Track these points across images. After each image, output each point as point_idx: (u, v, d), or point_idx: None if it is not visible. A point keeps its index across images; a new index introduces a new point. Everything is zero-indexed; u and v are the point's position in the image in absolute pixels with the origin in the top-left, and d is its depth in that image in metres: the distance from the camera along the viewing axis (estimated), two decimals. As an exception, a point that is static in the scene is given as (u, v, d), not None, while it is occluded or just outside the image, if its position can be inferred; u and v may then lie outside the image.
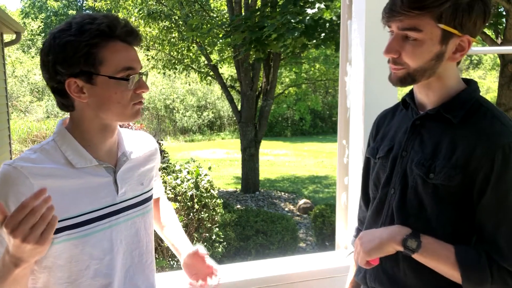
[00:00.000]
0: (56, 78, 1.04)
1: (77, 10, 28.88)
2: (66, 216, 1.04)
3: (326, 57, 13.04)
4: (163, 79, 20.34)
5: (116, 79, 1.05)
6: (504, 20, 5.76)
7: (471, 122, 1.08)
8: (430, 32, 1.03)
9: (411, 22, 1.04)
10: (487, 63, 24.14)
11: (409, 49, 1.06)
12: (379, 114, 1.37)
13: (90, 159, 1.09)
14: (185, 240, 1.41)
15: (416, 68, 1.07)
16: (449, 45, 1.06)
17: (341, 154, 2.02)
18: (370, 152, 1.30)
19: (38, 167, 1.03)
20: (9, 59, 19.93)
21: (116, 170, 1.15)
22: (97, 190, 1.10)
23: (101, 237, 1.10)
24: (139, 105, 1.11)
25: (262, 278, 1.79)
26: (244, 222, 6.83)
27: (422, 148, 1.12)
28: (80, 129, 1.10)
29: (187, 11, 10.92)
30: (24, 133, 14.18)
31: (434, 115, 1.12)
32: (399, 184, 1.15)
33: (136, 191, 1.20)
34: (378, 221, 1.22)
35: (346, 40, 1.95)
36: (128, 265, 1.18)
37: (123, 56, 1.06)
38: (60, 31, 1.03)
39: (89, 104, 1.07)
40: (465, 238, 1.09)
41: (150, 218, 1.27)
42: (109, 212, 1.12)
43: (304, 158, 14.58)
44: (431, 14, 1.02)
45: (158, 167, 1.37)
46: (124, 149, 1.19)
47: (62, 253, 1.05)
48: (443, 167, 1.06)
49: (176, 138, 19.15)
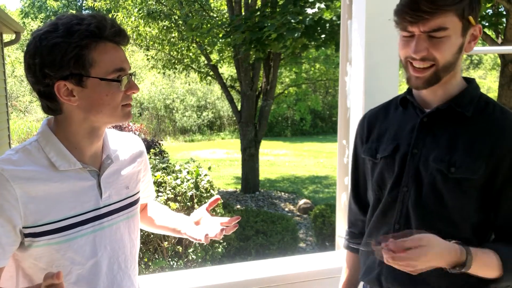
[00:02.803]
0: (44, 82, 1.00)
1: (76, 10, 28.86)
2: (47, 221, 1.01)
3: (326, 57, 13.02)
4: (163, 79, 20.34)
5: (108, 81, 1.02)
6: (504, 20, 5.76)
7: (483, 116, 1.11)
8: (454, 27, 1.06)
9: (436, 22, 1.04)
10: (488, 63, 24.14)
11: (438, 46, 1.07)
12: (367, 114, 1.35)
13: (74, 162, 1.06)
14: (181, 216, 1.37)
15: (444, 63, 1.09)
16: (467, 36, 1.09)
17: (341, 154, 2.02)
18: (368, 152, 1.27)
19: (19, 170, 0.99)
20: (9, 59, 19.91)
21: (100, 174, 1.11)
22: (80, 194, 1.07)
23: (83, 242, 1.07)
24: (129, 107, 1.09)
25: (262, 278, 1.79)
26: (244, 222, 6.82)
27: (436, 144, 1.13)
28: (66, 132, 1.07)
29: (187, 10, 10.92)
30: (23, 133, 14.19)
31: (445, 110, 1.13)
32: (412, 182, 1.15)
33: (121, 195, 1.16)
34: (388, 222, 1.20)
35: (346, 40, 1.95)
36: (115, 271, 1.16)
37: (113, 57, 1.03)
38: (46, 33, 0.99)
39: (79, 107, 1.03)
40: (483, 231, 1.11)
41: (136, 223, 1.23)
42: (92, 217, 1.09)
43: (304, 158, 14.57)
44: (455, 8, 1.04)
45: (149, 172, 1.33)
46: (109, 151, 1.15)
47: (42, 257, 1.03)
48: (464, 160, 1.08)
49: (176, 138, 19.14)
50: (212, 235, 1.21)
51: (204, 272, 1.84)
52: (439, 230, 1.09)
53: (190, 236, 1.28)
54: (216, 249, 5.08)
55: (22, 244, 1.02)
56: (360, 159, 1.33)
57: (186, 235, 1.30)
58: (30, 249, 1.02)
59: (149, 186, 1.35)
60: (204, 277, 1.79)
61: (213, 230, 1.22)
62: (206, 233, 1.20)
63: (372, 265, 1.24)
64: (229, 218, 1.24)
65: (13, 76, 20.53)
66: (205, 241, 1.20)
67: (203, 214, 1.30)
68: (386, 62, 1.79)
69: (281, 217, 7.26)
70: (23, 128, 14.61)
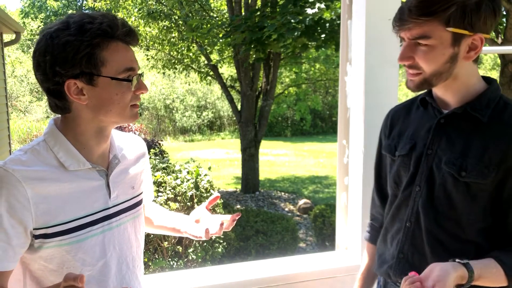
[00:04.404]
0: (54, 80, 1.00)
1: (76, 10, 28.88)
2: (58, 222, 1.01)
3: (326, 57, 13.03)
4: (163, 79, 20.33)
5: (118, 80, 1.02)
6: (504, 20, 5.76)
7: (500, 120, 1.10)
8: (439, 37, 1.05)
9: (420, 30, 1.05)
10: (488, 63, 24.13)
11: (422, 55, 1.07)
12: (391, 110, 1.36)
13: (84, 161, 1.06)
14: (180, 215, 1.38)
15: (431, 72, 1.08)
16: (461, 45, 1.06)
17: (341, 154, 2.02)
18: (387, 149, 1.30)
19: (30, 170, 0.99)
20: (9, 59, 19.91)
21: (108, 173, 1.12)
22: (89, 194, 1.07)
23: (93, 243, 1.07)
24: (136, 108, 1.09)
25: (262, 278, 1.79)
26: (244, 222, 6.82)
27: (450, 146, 1.13)
28: (74, 131, 1.06)
29: (187, 11, 10.92)
30: (23, 133, 14.19)
31: (461, 114, 1.13)
32: (425, 182, 1.16)
33: (127, 194, 1.17)
34: (401, 218, 1.23)
35: (346, 40, 1.95)
36: (124, 271, 1.16)
37: (124, 56, 1.04)
38: (57, 31, 0.98)
39: (88, 106, 1.03)
40: (495, 235, 1.11)
41: (141, 223, 1.24)
42: (101, 217, 1.09)
43: (304, 158, 14.57)
44: (439, 19, 1.03)
45: (149, 173, 1.34)
46: (116, 151, 1.15)
47: (53, 258, 1.03)
48: (475, 166, 1.08)
49: (176, 138, 19.13)
50: (212, 231, 1.22)
51: (204, 272, 1.84)
52: (446, 230, 1.12)
53: (191, 234, 1.28)
54: (216, 249, 5.08)
55: (32, 246, 1.01)
56: (383, 154, 1.35)
57: (186, 233, 1.30)
58: (40, 250, 1.01)
59: (148, 187, 1.36)
60: (204, 277, 1.80)
61: (213, 227, 1.24)
62: (207, 228, 1.22)
63: (385, 259, 1.28)
64: (231, 215, 1.26)
65: (13, 76, 20.52)
66: (205, 237, 1.21)
67: (202, 213, 1.31)
68: (386, 62, 1.79)
69: (281, 217, 7.26)
70: (23, 128, 14.60)
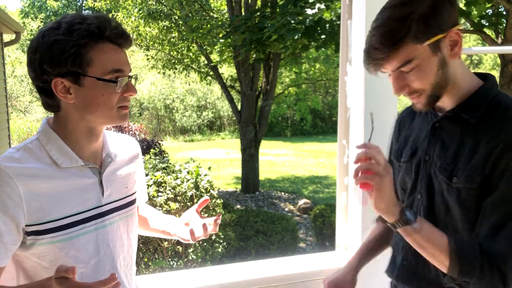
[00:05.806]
0: (42, 77, 1.02)
1: (76, 10, 28.87)
2: (50, 219, 1.02)
3: (326, 57, 13.02)
4: (163, 79, 20.32)
5: (104, 81, 1.03)
6: (504, 20, 5.76)
7: (490, 121, 1.05)
8: (419, 54, 1.01)
9: (398, 58, 1.02)
10: (488, 63, 24.13)
11: (413, 79, 1.04)
12: (401, 113, 1.34)
13: (76, 159, 1.07)
14: (171, 217, 1.39)
15: (431, 88, 1.05)
16: (442, 48, 1.03)
17: (341, 154, 2.02)
18: (395, 154, 1.28)
19: (23, 167, 1.00)
20: (9, 59, 19.91)
21: (101, 171, 1.13)
22: (82, 191, 1.08)
23: (86, 240, 1.08)
24: (125, 109, 1.09)
25: (262, 278, 1.79)
26: (244, 222, 6.83)
27: (444, 151, 1.10)
28: (65, 130, 1.08)
29: (187, 11, 10.92)
30: (23, 133, 14.19)
31: (452, 116, 1.10)
32: (425, 189, 1.14)
33: (120, 193, 1.18)
34: None
35: (346, 40, 1.95)
36: (118, 270, 1.17)
37: (112, 57, 1.04)
38: (49, 30, 1.01)
39: (75, 105, 1.05)
40: None
41: (134, 223, 1.25)
42: (94, 215, 1.10)
43: (304, 158, 14.57)
44: (408, 42, 1.00)
45: (143, 174, 1.34)
46: (109, 150, 1.17)
47: (46, 255, 1.04)
48: (464, 170, 1.04)
49: (176, 138, 19.13)
50: (198, 234, 1.24)
51: (204, 272, 1.84)
52: None
53: (180, 237, 1.31)
54: (216, 249, 5.08)
55: (24, 243, 1.02)
56: (391, 160, 1.33)
57: (176, 236, 1.32)
58: (33, 247, 1.02)
59: (142, 188, 1.36)
60: (204, 277, 1.80)
61: (199, 229, 1.25)
62: (191, 229, 1.23)
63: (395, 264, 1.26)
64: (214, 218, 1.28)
65: (13, 76, 20.52)
66: (192, 240, 1.23)
67: (192, 216, 1.32)
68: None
69: (281, 217, 7.26)
70: (23, 128, 14.60)
